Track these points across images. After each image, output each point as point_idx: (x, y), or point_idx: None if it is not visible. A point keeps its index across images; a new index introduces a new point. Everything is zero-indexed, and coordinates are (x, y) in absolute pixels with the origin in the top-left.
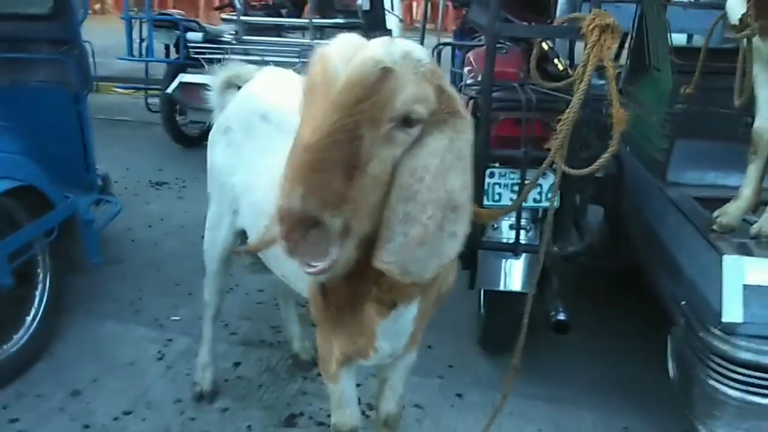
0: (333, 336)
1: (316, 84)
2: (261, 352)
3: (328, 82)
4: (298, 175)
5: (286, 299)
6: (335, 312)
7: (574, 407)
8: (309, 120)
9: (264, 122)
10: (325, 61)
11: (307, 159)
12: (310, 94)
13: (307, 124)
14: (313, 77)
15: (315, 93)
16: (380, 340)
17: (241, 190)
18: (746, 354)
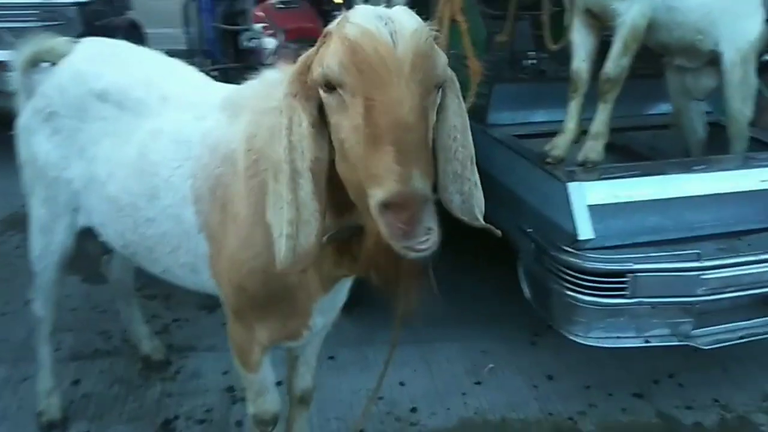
0: (259, 323)
1: (373, 62)
2: (100, 363)
3: (391, 59)
4: (410, 157)
5: (127, 299)
6: (265, 298)
7: (439, 343)
8: (390, 99)
9: (101, 102)
10: (373, 38)
11: (413, 139)
12: (369, 72)
13: (392, 104)
14: (366, 55)
15: (377, 71)
16: (316, 317)
17: (84, 185)
18: (595, 264)
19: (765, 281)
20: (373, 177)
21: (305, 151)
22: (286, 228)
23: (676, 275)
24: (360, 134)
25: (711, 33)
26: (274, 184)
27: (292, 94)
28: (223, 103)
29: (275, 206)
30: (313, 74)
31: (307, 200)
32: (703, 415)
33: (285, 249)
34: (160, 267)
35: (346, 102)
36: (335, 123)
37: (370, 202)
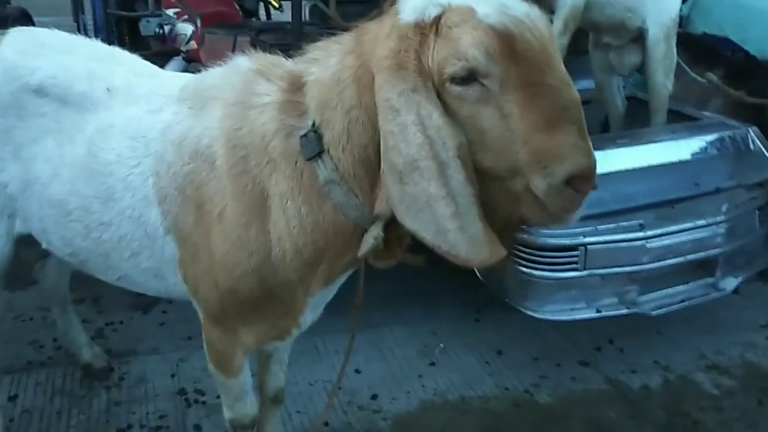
0: (245, 326)
1: (534, 49)
2: (36, 376)
3: (550, 44)
4: (586, 133)
5: (62, 306)
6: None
7: (386, 328)
8: (560, 82)
9: (39, 98)
10: (525, 26)
11: (581, 116)
12: (531, 59)
13: (563, 86)
14: (526, 43)
15: (539, 57)
16: (307, 314)
17: (22, 188)
18: (547, 239)
19: (700, 246)
20: (553, 156)
21: (447, 141)
22: (450, 223)
23: (623, 246)
24: (517, 121)
25: (639, 10)
26: (402, 188)
27: (411, 89)
28: (181, 94)
29: (412, 209)
30: (446, 69)
31: (461, 189)
32: (648, 378)
33: (464, 243)
34: (116, 274)
35: (491, 92)
36: (472, 114)
37: (537, 182)
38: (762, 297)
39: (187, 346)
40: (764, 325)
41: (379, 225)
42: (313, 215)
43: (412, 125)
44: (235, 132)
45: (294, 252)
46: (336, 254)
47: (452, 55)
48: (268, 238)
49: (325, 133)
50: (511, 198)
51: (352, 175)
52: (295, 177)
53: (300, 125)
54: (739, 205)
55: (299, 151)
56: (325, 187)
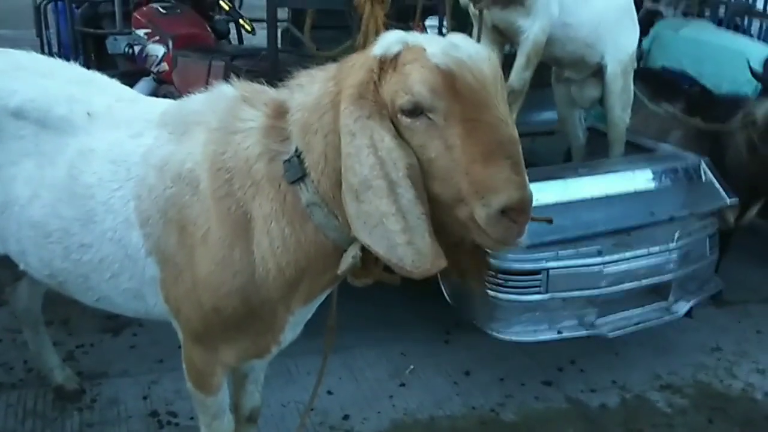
0: (226, 344)
1: (473, 87)
2: (7, 398)
3: (489, 83)
4: (521, 167)
5: (35, 328)
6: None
7: (358, 350)
8: (495, 119)
9: (18, 120)
10: (466, 66)
11: (519, 150)
12: (470, 96)
13: (499, 123)
14: (465, 82)
15: (478, 95)
16: (287, 332)
17: (0, 209)
18: (512, 264)
19: (654, 271)
20: (488, 188)
21: (397, 162)
22: (399, 238)
23: (583, 270)
24: (459, 153)
25: (597, 47)
26: (358, 206)
27: (366, 116)
28: (161, 119)
29: (367, 225)
30: (396, 101)
31: (410, 206)
32: (606, 397)
33: (410, 255)
34: (95, 295)
35: (436, 125)
36: (420, 144)
37: (477, 211)
38: (713, 321)
39: (158, 369)
40: (715, 348)
41: (357, 245)
42: (296, 236)
43: (365, 147)
44: (219, 156)
45: (277, 271)
46: (316, 273)
47: (401, 89)
48: (252, 258)
49: (307, 157)
50: (460, 224)
51: (331, 197)
52: (279, 199)
53: (283, 150)
54: (692, 233)
55: (282, 174)
56: (308, 208)
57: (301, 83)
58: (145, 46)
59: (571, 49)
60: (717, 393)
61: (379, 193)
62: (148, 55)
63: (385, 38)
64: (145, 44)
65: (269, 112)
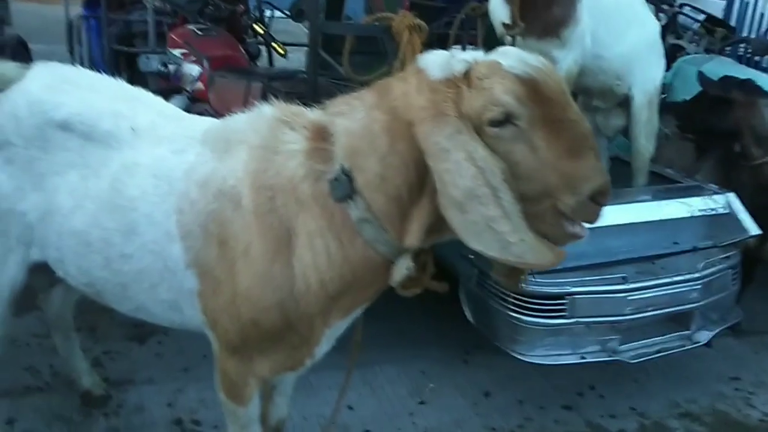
0: (261, 356)
1: (554, 92)
2: (33, 401)
3: (564, 87)
4: (599, 155)
5: (65, 334)
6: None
7: (378, 366)
8: (576, 117)
9: (64, 132)
10: (545, 74)
11: (596, 143)
12: (553, 100)
13: (578, 120)
14: (548, 88)
15: (559, 98)
16: (321, 346)
17: (41, 217)
18: (537, 288)
19: (678, 300)
20: (579, 178)
21: (494, 169)
22: (511, 237)
23: (607, 297)
24: (545, 152)
25: (627, 79)
26: (463, 216)
27: (456, 132)
28: (204, 137)
29: (476, 232)
30: (484, 115)
31: (512, 207)
32: (625, 423)
33: (528, 251)
34: (132, 304)
35: (521, 130)
36: (507, 150)
37: (566, 200)
38: (732, 351)
39: (183, 377)
40: (734, 378)
41: (408, 256)
42: (343, 251)
43: (464, 161)
44: (261, 174)
45: (319, 286)
46: (361, 287)
47: (489, 102)
48: (292, 273)
49: (357, 177)
50: (537, 218)
51: (384, 213)
52: (326, 217)
53: (327, 170)
54: (715, 264)
55: (328, 193)
56: (358, 225)
57: (341, 111)
58: (180, 65)
59: (601, 80)
60: (735, 422)
61: (485, 200)
62: (183, 74)
63: (432, 61)
64: (180, 64)
65: (310, 135)
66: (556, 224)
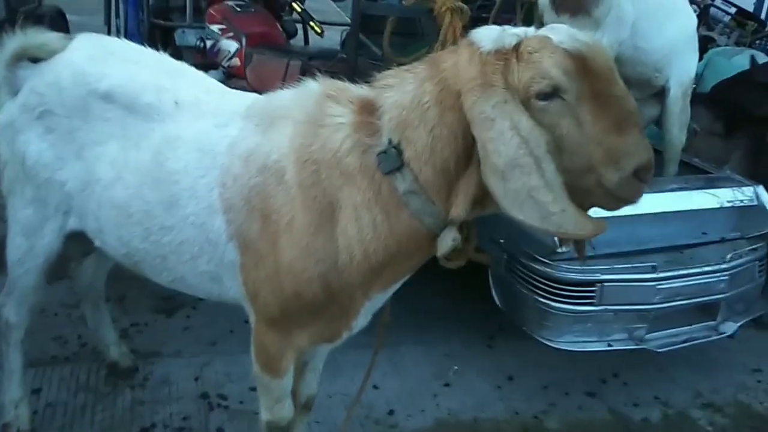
0: (300, 328)
1: (603, 67)
2: (60, 371)
3: (612, 63)
4: (644, 132)
5: (95, 304)
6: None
7: (404, 347)
8: (622, 93)
9: (106, 103)
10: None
11: (641, 120)
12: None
13: (625, 96)
14: (596, 63)
15: (606, 74)
16: (360, 318)
17: (81, 187)
18: (568, 274)
19: (706, 291)
20: (623, 153)
21: (538, 139)
22: (552, 207)
23: (636, 285)
24: (590, 126)
25: (665, 71)
26: (505, 184)
27: (502, 102)
28: (248, 112)
29: (517, 201)
30: (532, 87)
31: (554, 178)
32: (649, 412)
33: (569, 221)
34: (171, 276)
35: (568, 104)
36: (552, 123)
37: (609, 176)
38: (755, 342)
39: (210, 351)
40: (756, 369)
41: (454, 228)
42: (389, 223)
43: (508, 130)
44: (306, 148)
45: (363, 257)
46: (404, 259)
47: (538, 75)
48: (336, 245)
49: (406, 149)
50: (583, 191)
51: (432, 185)
52: (373, 189)
53: (374, 143)
54: (742, 255)
55: (376, 166)
56: (405, 197)
57: (389, 83)
58: (218, 41)
59: (639, 71)
60: (757, 414)
61: (527, 170)
62: (220, 50)
63: (484, 34)
64: (218, 39)
65: (356, 109)
66: (604, 196)
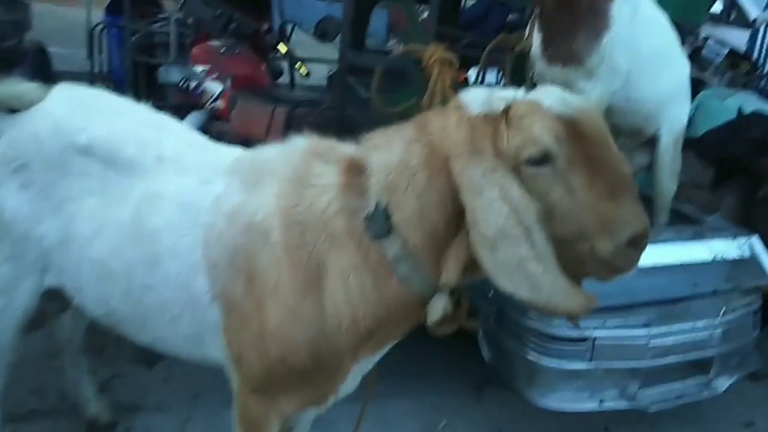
0: (286, 394)
1: (595, 132)
2: (39, 425)
3: (605, 127)
4: (637, 198)
5: (75, 359)
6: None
7: (391, 399)
8: (615, 159)
9: (85, 157)
10: (586, 113)
11: (635, 185)
12: (593, 140)
13: (618, 162)
14: (588, 128)
15: (599, 139)
16: (349, 382)
17: (59, 243)
18: (559, 329)
19: (699, 346)
20: (617, 222)
21: (528, 209)
22: (542, 280)
23: (629, 341)
24: (583, 193)
25: (657, 120)
26: (494, 255)
27: (491, 170)
28: (233, 167)
29: (506, 272)
30: (522, 153)
31: (545, 248)
32: None
33: (559, 295)
34: (151, 336)
35: (559, 170)
36: (543, 190)
37: (602, 244)
38: (747, 396)
39: (192, 405)
40: (748, 423)
41: (444, 294)
42: (378, 289)
43: (497, 199)
44: (292, 209)
45: (351, 323)
46: (393, 324)
47: (528, 140)
48: (323, 310)
49: (394, 214)
50: (576, 260)
51: (421, 251)
52: (361, 253)
53: (362, 206)
54: (736, 309)
55: (364, 229)
56: (394, 262)
57: (377, 144)
58: (202, 82)
59: (631, 121)
60: None
61: (517, 241)
62: (204, 91)
63: (473, 97)
64: (202, 80)
65: (344, 169)
66: (598, 264)
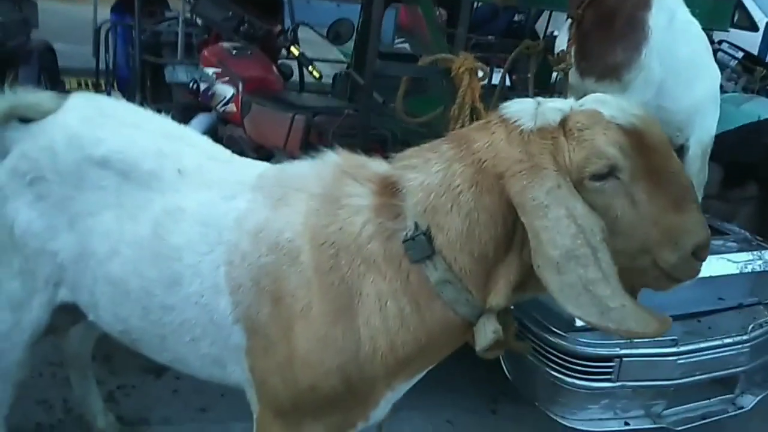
0: (314, 419)
1: (658, 142)
2: None
3: (664, 136)
4: (700, 208)
5: (82, 373)
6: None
7: (404, 412)
8: (678, 168)
9: (101, 170)
10: (649, 123)
11: (697, 195)
12: (656, 151)
13: (680, 171)
14: (652, 138)
15: (661, 149)
16: (381, 407)
17: (74, 259)
18: (585, 348)
19: (726, 363)
20: (683, 232)
21: (594, 227)
22: (611, 302)
23: (657, 360)
24: (647, 206)
25: (687, 130)
26: (560, 278)
27: (556, 187)
28: (258, 182)
29: (572, 295)
30: (587, 168)
31: (610, 268)
32: None
33: (630, 318)
34: (170, 356)
35: (622, 183)
36: (606, 204)
37: (666, 256)
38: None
39: (201, 419)
40: None
41: (493, 317)
42: (420, 314)
43: (564, 218)
44: (323, 229)
45: (388, 350)
46: (434, 349)
47: (592, 154)
48: (357, 336)
49: (437, 236)
50: (636, 273)
51: (467, 273)
52: (400, 278)
53: (399, 228)
54: (763, 325)
55: (402, 253)
56: (438, 286)
57: (412, 164)
58: (212, 84)
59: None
60: None
61: (584, 261)
62: (215, 94)
63: (520, 109)
64: (212, 83)
65: (376, 189)
66: (659, 277)
